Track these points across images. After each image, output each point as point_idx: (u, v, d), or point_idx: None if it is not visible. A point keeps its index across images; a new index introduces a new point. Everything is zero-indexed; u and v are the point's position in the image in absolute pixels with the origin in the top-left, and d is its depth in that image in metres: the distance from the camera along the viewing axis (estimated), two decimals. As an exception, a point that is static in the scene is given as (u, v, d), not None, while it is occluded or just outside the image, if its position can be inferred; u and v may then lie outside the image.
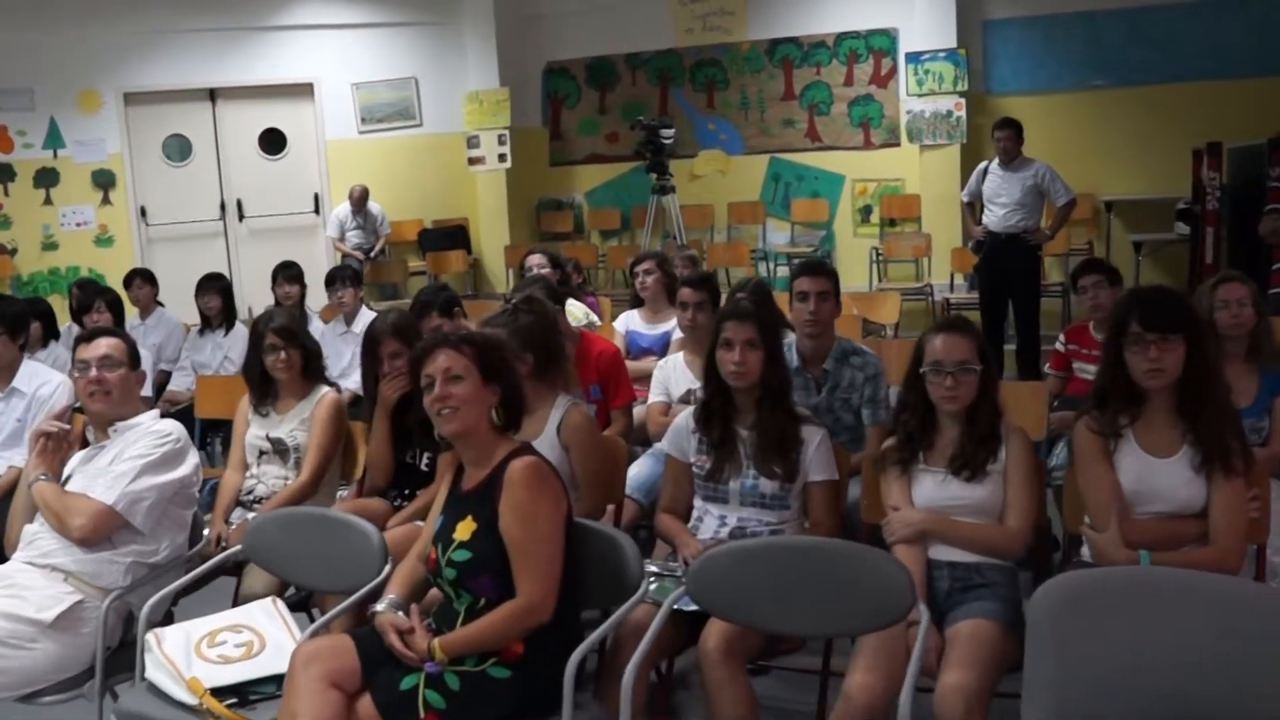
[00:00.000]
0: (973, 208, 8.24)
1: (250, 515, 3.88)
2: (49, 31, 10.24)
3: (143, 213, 10.84)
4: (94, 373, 3.45)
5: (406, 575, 2.95)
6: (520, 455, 2.81)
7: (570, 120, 11.68)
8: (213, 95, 10.95)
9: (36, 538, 3.32)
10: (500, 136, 11.09)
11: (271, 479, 4.06)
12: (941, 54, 9.85)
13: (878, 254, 10.15)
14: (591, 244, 11.22)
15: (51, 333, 5.97)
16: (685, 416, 3.54)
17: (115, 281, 7.48)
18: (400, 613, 2.78)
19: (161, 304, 7.21)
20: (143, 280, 7.07)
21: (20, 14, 10.04)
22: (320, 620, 3.05)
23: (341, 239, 10.41)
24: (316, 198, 11.26)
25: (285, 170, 11.22)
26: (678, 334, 5.60)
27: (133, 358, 3.57)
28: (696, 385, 4.60)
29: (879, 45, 10.39)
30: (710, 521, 3.42)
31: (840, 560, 2.74)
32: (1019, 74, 9.98)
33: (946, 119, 9.89)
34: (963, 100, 9.81)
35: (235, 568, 3.75)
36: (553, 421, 3.59)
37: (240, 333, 6.81)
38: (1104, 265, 5.28)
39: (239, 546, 3.41)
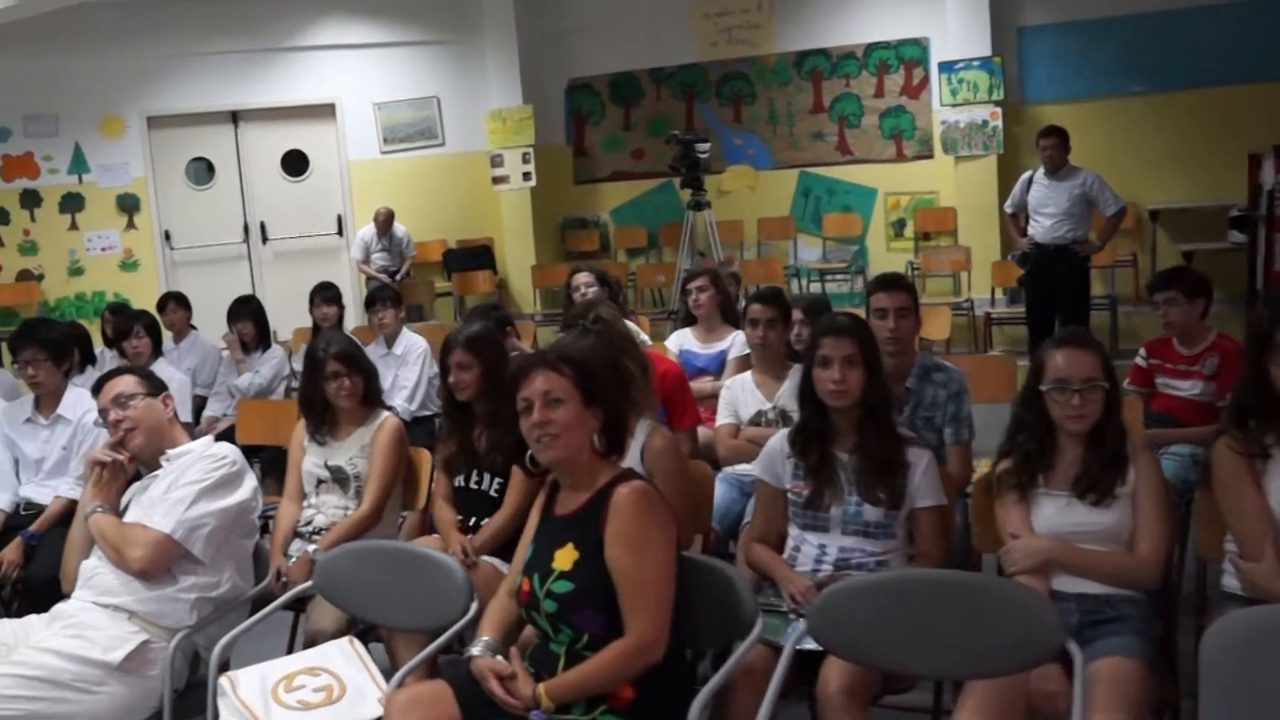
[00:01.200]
0: (1016, 219, 8.08)
1: (310, 548, 3.70)
2: (72, 57, 10.16)
3: (167, 236, 10.72)
4: (113, 414, 3.33)
5: (499, 615, 2.75)
6: (627, 480, 2.62)
7: (594, 137, 11.52)
8: (235, 117, 10.83)
9: (96, 574, 3.17)
10: (524, 155, 10.92)
11: (331, 509, 3.88)
12: (976, 63, 9.68)
13: (914, 268, 9.95)
14: (619, 262, 11.03)
15: (89, 358, 5.79)
16: (779, 440, 3.34)
17: (140, 306, 7.29)
18: (498, 656, 2.58)
19: (195, 327, 7.04)
20: (176, 304, 6.91)
21: (43, 41, 9.95)
22: (409, 665, 2.84)
23: (366, 261, 10.24)
24: (340, 219, 11.11)
25: (308, 192, 11.08)
26: (734, 353, 5.44)
27: (150, 384, 3.42)
28: (767, 406, 4.44)
29: (910, 55, 10.22)
30: (809, 551, 3.21)
31: (980, 595, 2.54)
32: (1055, 81, 9.79)
33: (982, 129, 9.71)
34: (999, 110, 9.63)
35: (296, 602, 3.57)
36: (634, 446, 3.39)
37: (275, 353, 6.65)
38: (1185, 277, 4.82)
39: (308, 583, 3.21)
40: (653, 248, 11.30)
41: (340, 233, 11.11)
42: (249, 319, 6.58)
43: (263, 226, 10.97)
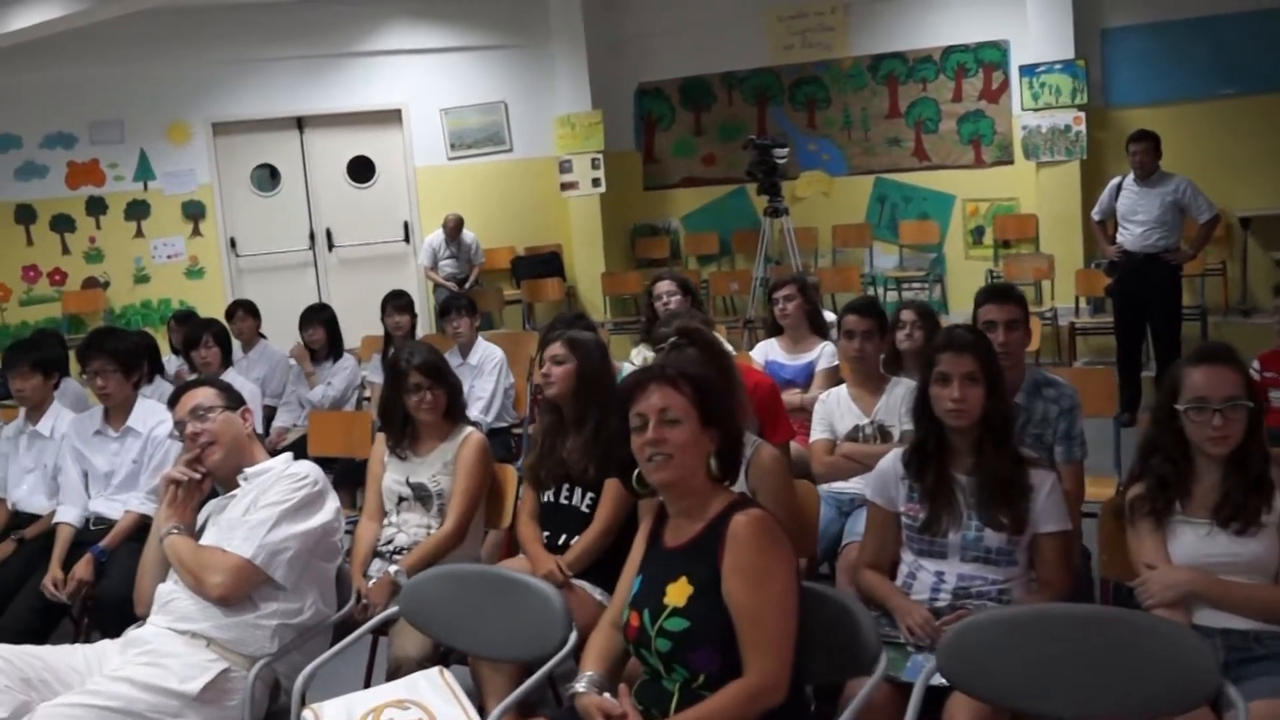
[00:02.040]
0: (1104, 226, 7.79)
1: (392, 568, 3.53)
2: (137, 64, 10.15)
3: (232, 244, 10.67)
4: (191, 427, 3.16)
5: (603, 648, 2.56)
6: (743, 508, 2.42)
7: (664, 143, 11.33)
8: (300, 124, 10.77)
9: (173, 599, 3.00)
10: (594, 160, 10.75)
11: (413, 527, 3.71)
12: (1058, 66, 9.35)
13: (993, 276, 9.65)
14: (690, 269, 10.82)
15: (156, 368, 5.69)
16: (892, 461, 3.13)
17: (206, 314, 7.20)
18: (606, 694, 2.39)
19: (264, 336, 6.94)
20: (245, 312, 6.80)
21: (109, 48, 9.94)
22: (507, 702, 2.64)
23: (434, 268, 10.12)
24: (406, 226, 11.00)
25: (374, 198, 10.99)
26: (822, 364, 5.25)
27: (229, 397, 3.26)
28: (864, 420, 4.24)
29: (989, 59, 9.92)
30: (925, 579, 2.99)
31: (1128, 632, 2.33)
32: (1141, 85, 9.43)
33: (1065, 134, 9.38)
34: (1082, 114, 9.31)
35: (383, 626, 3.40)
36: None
37: (347, 363, 6.52)
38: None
39: (395, 609, 3.04)
40: (725, 254, 11.08)
41: (407, 239, 11.01)
42: (321, 326, 6.45)
43: (328, 233, 10.89)
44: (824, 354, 5.31)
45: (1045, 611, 2.55)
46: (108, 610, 3.90)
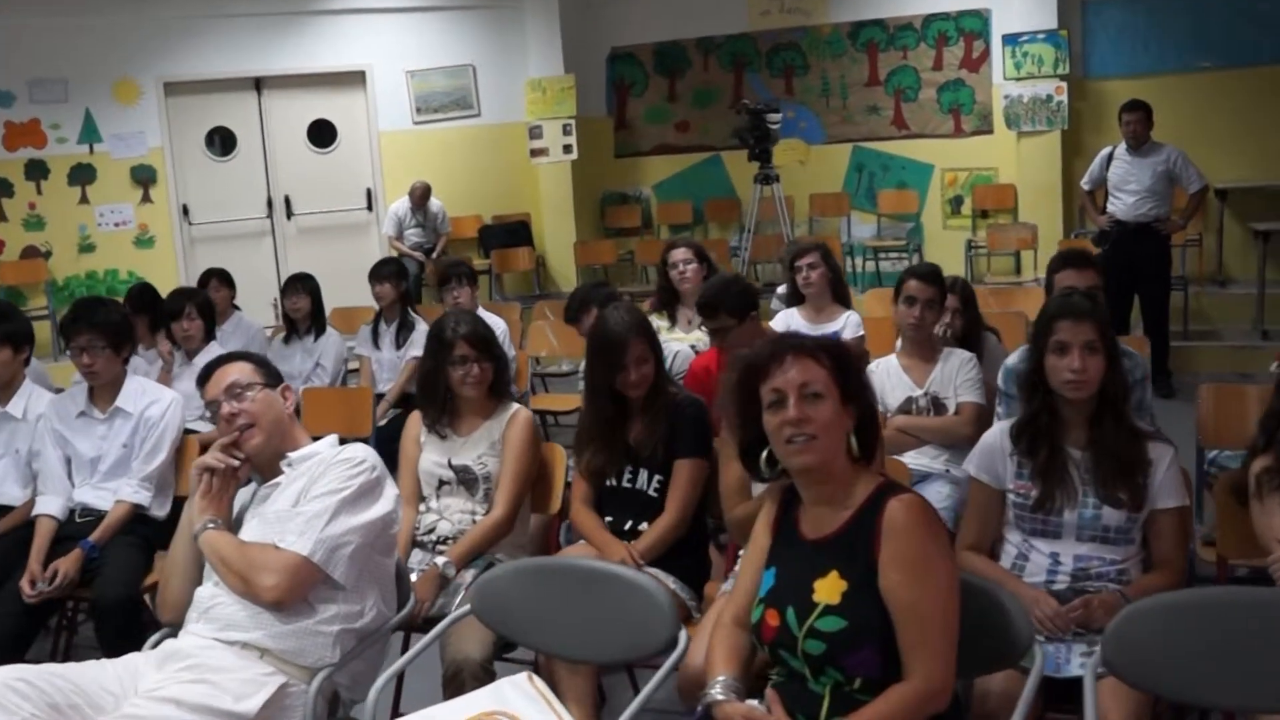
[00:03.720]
0: (1094, 196, 7.77)
1: (439, 559, 3.25)
2: (83, 17, 9.51)
3: (185, 211, 10.14)
4: (227, 408, 2.79)
5: (731, 648, 2.32)
6: (897, 492, 2.19)
7: (637, 109, 11.04)
8: (258, 85, 10.25)
9: (215, 604, 2.65)
10: (565, 126, 10.44)
11: (456, 514, 3.43)
12: (1041, 35, 9.25)
13: (972, 246, 9.54)
14: (662, 239, 10.57)
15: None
16: (998, 435, 2.93)
17: (159, 286, 6.74)
18: (755, 702, 2.15)
19: (239, 308, 6.57)
20: (220, 281, 6.41)
21: (53, -1, 9.35)
22: (636, 702, 2.35)
23: (399, 237, 9.75)
24: (369, 193, 10.59)
25: (336, 164, 10.52)
26: (848, 334, 5.08)
27: (267, 373, 2.91)
28: (918, 392, 4.09)
29: (970, 27, 9.77)
30: (1039, 560, 2.82)
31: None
32: (1121, 56, 9.37)
33: (1047, 104, 9.28)
34: (1064, 84, 9.20)
35: (425, 623, 3.13)
36: None
37: (333, 338, 6.19)
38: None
39: (466, 608, 2.76)
40: (699, 224, 10.83)
41: (370, 208, 10.60)
42: (307, 295, 6.11)
43: (287, 201, 10.42)
44: (849, 323, 5.14)
45: (1219, 596, 2.40)
46: (108, 616, 3.55)
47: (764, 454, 2.29)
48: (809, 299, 5.22)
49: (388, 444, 5.10)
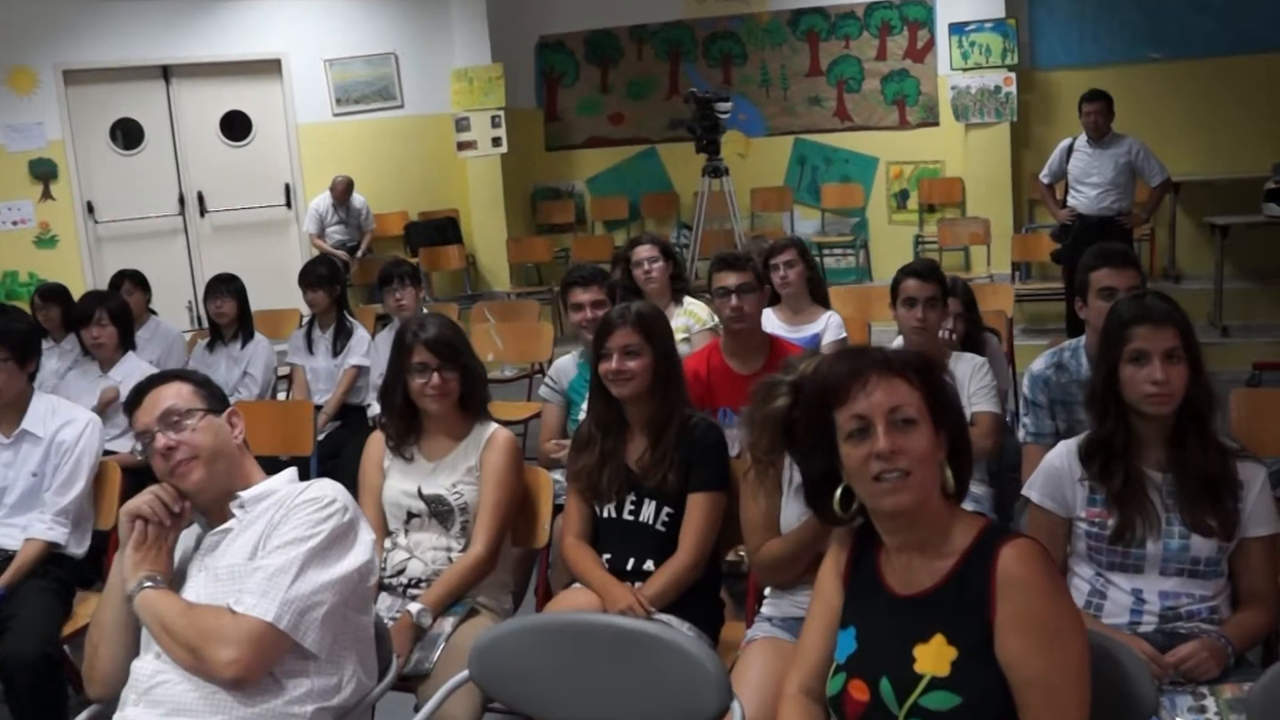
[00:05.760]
0: (1053, 190, 7.55)
1: (413, 607, 2.79)
2: (-30, -2, 8.83)
3: (90, 208, 9.46)
4: (162, 440, 2.27)
5: (802, 723, 1.91)
6: (1007, 537, 1.80)
7: (568, 100, 10.60)
8: (166, 73, 9.61)
9: (159, 683, 2.14)
10: (494, 118, 9.97)
11: (429, 551, 2.96)
12: (988, 25, 9.02)
13: (920, 242, 9.27)
14: (597, 236, 10.17)
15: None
16: (1064, 456, 2.56)
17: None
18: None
19: (155, 312, 6.01)
20: (133, 284, 5.87)
21: (-64, -22, 8.63)
22: None
23: (321, 235, 9.20)
24: (288, 188, 10.00)
25: (251, 158, 9.91)
26: (829, 336, 4.72)
27: (211, 397, 2.39)
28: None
29: (914, 16, 9.51)
30: (1120, 598, 2.47)
31: None
32: (1069, 46, 9.19)
33: (995, 95, 9.05)
34: (1012, 75, 8.99)
35: (403, 679, 2.67)
36: None
37: (262, 344, 5.66)
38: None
39: (464, 673, 2.31)
40: (634, 219, 10.43)
41: (289, 204, 10.01)
42: (232, 299, 5.57)
43: (200, 197, 9.78)
44: (830, 325, 4.78)
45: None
46: (21, 676, 3.03)
47: (838, 492, 1.89)
48: (786, 299, 4.84)
49: (326, 461, 4.68)
